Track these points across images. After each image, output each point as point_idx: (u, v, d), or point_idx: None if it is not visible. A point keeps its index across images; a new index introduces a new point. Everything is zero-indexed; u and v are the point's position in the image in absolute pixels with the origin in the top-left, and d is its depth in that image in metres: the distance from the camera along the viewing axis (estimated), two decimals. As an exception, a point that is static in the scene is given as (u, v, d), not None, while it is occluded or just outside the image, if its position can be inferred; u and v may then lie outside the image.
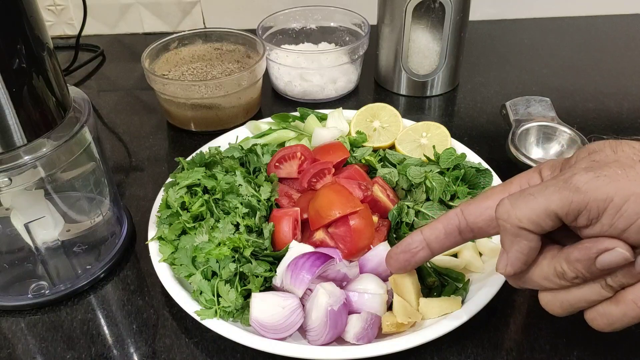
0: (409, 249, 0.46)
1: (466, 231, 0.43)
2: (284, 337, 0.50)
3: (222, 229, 0.55)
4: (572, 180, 0.36)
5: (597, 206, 0.35)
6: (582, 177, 0.36)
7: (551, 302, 0.41)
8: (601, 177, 0.35)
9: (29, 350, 0.53)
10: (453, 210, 0.44)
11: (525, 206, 0.38)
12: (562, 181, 0.37)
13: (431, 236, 0.45)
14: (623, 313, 0.38)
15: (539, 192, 0.37)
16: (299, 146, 0.64)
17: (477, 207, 0.42)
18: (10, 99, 0.46)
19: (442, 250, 0.45)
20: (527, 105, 0.75)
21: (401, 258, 0.47)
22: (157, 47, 0.84)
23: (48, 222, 0.55)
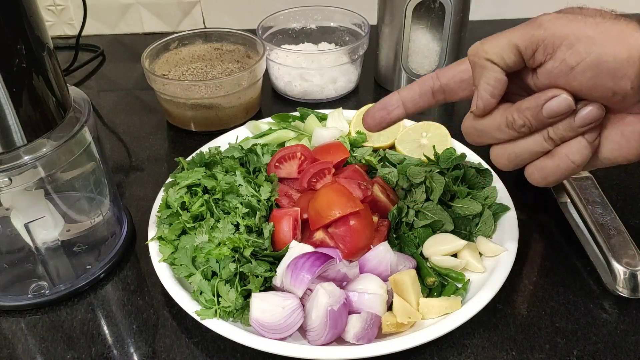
0: (385, 107, 0.49)
1: (439, 92, 0.47)
2: (284, 337, 0.50)
3: (222, 229, 0.55)
4: (536, 19, 0.40)
5: (554, 42, 0.39)
6: (545, 16, 0.40)
7: (500, 155, 0.44)
8: (562, 18, 0.39)
9: (29, 350, 0.53)
10: (428, 75, 0.47)
11: (492, 41, 0.42)
12: (529, 22, 0.41)
13: (407, 96, 0.48)
14: (556, 165, 0.42)
15: (507, 31, 0.41)
16: (299, 146, 0.64)
17: (451, 70, 0.47)
18: (10, 99, 0.46)
19: (415, 110, 0.49)
20: (527, 105, 0.75)
21: (377, 115, 0.50)
22: (157, 47, 0.84)
23: (48, 222, 0.55)
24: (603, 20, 0.39)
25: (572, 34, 0.38)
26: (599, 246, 0.57)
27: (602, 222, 0.58)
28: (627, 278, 0.54)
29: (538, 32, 0.39)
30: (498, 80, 0.42)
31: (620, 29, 0.38)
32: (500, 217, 0.61)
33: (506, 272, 0.54)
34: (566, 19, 0.39)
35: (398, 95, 0.49)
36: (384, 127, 0.50)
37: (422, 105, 0.48)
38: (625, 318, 0.54)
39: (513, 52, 0.41)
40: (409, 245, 0.58)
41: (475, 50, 0.42)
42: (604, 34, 0.38)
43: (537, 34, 0.39)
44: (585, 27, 0.38)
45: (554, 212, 0.66)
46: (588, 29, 0.38)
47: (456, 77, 0.47)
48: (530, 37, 0.40)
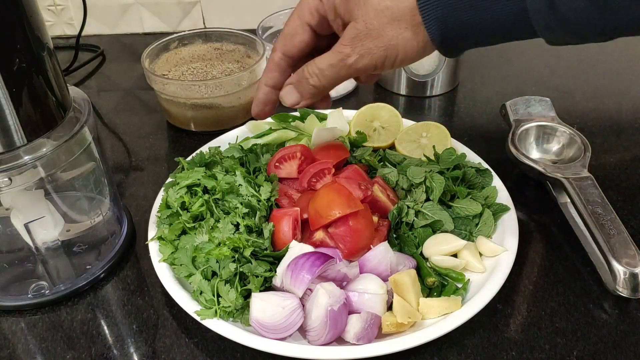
0: (263, 102, 0.55)
1: (293, 63, 0.53)
2: (284, 337, 0.50)
3: (222, 229, 0.54)
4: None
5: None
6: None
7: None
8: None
9: (29, 350, 0.53)
10: (275, 55, 0.53)
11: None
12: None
13: (272, 82, 0.54)
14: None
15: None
16: (299, 146, 0.64)
17: (289, 43, 0.52)
18: (10, 99, 0.46)
19: (280, 85, 0.54)
20: (527, 105, 0.75)
21: (262, 110, 0.56)
22: (157, 47, 0.84)
23: (48, 222, 0.55)
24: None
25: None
26: (599, 246, 0.57)
27: (602, 222, 0.58)
28: (627, 278, 0.54)
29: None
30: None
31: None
32: (500, 217, 0.61)
33: (506, 272, 0.54)
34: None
35: (265, 87, 0.54)
36: (271, 114, 0.57)
37: (285, 78, 0.54)
38: (625, 318, 0.54)
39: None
40: (409, 245, 0.58)
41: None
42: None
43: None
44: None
45: (554, 212, 0.66)
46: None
47: (296, 48, 0.52)
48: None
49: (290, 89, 0.53)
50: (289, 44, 0.52)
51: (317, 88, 0.51)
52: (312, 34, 0.51)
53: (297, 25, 0.51)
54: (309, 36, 0.51)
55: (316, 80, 0.50)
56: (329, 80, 0.50)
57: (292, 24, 0.51)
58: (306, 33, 0.51)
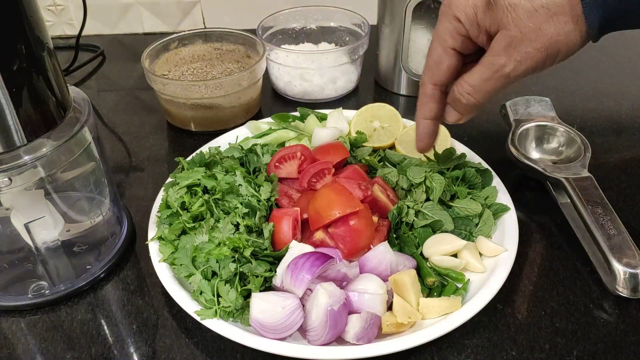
0: (426, 136, 0.55)
1: (443, 89, 0.52)
2: (284, 337, 0.50)
3: (222, 229, 0.54)
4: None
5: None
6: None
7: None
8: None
9: (29, 350, 0.53)
10: (427, 86, 0.52)
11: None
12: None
13: (429, 114, 0.53)
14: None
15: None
16: (299, 146, 0.64)
17: (438, 71, 0.50)
18: (10, 99, 0.46)
19: (439, 113, 0.53)
20: (527, 105, 0.75)
21: (426, 143, 0.56)
22: (157, 47, 0.84)
23: (48, 222, 0.55)
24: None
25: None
26: (599, 246, 0.57)
27: (602, 222, 0.58)
28: (627, 278, 0.54)
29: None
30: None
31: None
32: (500, 217, 0.61)
33: (506, 272, 0.54)
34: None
35: (424, 121, 0.53)
36: (434, 143, 0.57)
37: (442, 106, 0.53)
38: (625, 318, 0.54)
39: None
40: (409, 245, 0.58)
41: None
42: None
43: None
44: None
45: (554, 212, 0.66)
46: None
47: (445, 75, 0.50)
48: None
49: (448, 109, 0.52)
50: (436, 74, 0.50)
51: (473, 105, 0.49)
52: (457, 56, 0.49)
53: (441, 52, 0.49)
54: (455, 60, 0.49)
55: (470, 98, 0.49)
56: (484, 94, 0.48)
57: (435, 52, 0.49)
58: (452, 58, 0.49)
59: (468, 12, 0.46)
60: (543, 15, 0.43)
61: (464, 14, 0.46)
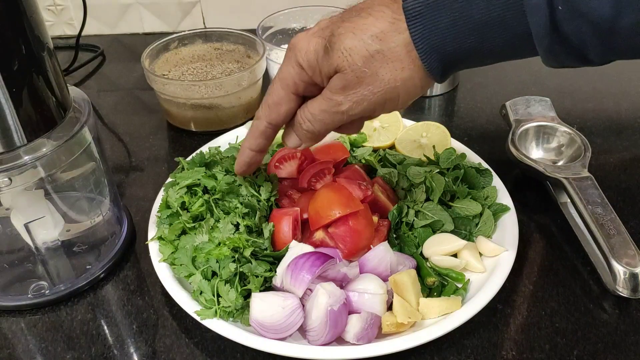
0: (246, 164, 0.55)
1: (276, 128, 0.52)
2: (284, 337, 0.50)
3: (222, 229, 0.54)
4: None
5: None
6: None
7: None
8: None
9: (29, 350, 0.53)
10: (260, 122, 0.51)
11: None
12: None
13: (256, 146, 0.53)
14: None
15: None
16: (299, 146, 0.64)
17: (275, 113, 0.50)
18: (10, 99, 0.46)
19: (265, 149, 0.54)
20: (527, 105, 0.75)
21: (244, 170, 0.56)
22: (157, 47, 0.84)
23: (48, 222, 0.55)
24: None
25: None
26: (599, 246, 0.57)
27: (602, 222, 0.58)
28: (627, 278, 0.54)
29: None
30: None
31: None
32: (500, 217, 0.61)
33: (506, 272, 0.54)
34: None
35: (249, 151, 0.53)
36: (252, 171, 0.57)
37: (270, 142, 0.53)
38: (625, 318, 0.54)
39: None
40: (409, 245, 0.58)
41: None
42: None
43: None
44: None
45: (554, 212, 0.66)
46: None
47: (282, 117, 0.50)
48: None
49: (289, 132, 0.51)
50: (274, 114, 0.49)
51: (312, 133, 0.49)
52: (298, 101, 0.48)
53: (282, 95, 0.48)
54: (295, 104, 0.49)
55: (309, 125, 0.48)
56: (322, 125, 0.47)
57: (276, 93, 0.48)
58: (292, 102, 0.48)
59: (310, 59, 0.45)
60: (379, 61, 0.42)
61: (306, 61, 0.45)
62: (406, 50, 0.42)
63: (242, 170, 0.56)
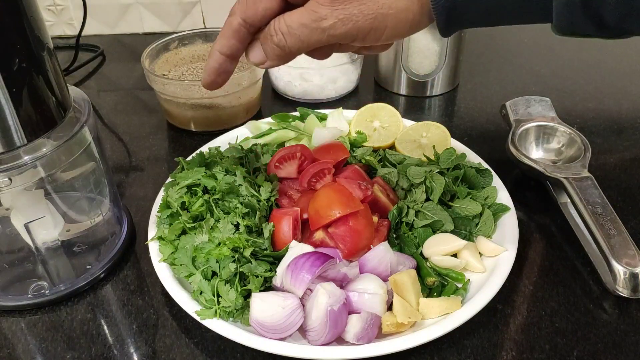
0: (214, 71, 0.47)
1: (250, 28, 0.45)
2: (284, 337, 0.50)
3: (222, 229, 0.54)
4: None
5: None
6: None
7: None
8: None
9: (29, 350, 0.53)
10: (233, 19, 0.45)
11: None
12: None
13: (226, 48, 0.46)
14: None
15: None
16: (299, 146, 0.64)
17: (253, 9, 0.44)
18: (10, 99, 0.46)
19: (238, 54, 0.46)
20: (527, 105, 0.75)
21: (214, 79, 0.47)
22: (157, 47, 0.84)
23: (48, 222, 0.55)
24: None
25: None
26: (599, 246, 0.57)
27: (602, 222, 0.58)
28: (627, 278, 0.54)
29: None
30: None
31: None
32: (500, 217, 0.61)
33: (506, 272, 0.54)
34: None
35: (219, 55, 0.46)
36: (222, 85, 0.49)
37: (243, 47, 0.46)
38: (625, 318, 0.54)
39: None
40: (409, 245, 0.58)
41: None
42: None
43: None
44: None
45: (554, 212, 0.66)
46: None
47: (259, 16, 0.44)
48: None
49: (256, 45, 0.45)
50: (251, 10, 0.43)
51: (282, 49, 0.43)
52: (280, 2, 0.43)
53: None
54: (275, 4, 0.43)
55: (281, 38, 0.42)
56: (297, 41, 0.42)
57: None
58: (273, 1, 0.43)
59: None
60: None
61: None
62: None
63: (210, 79, 0.47)
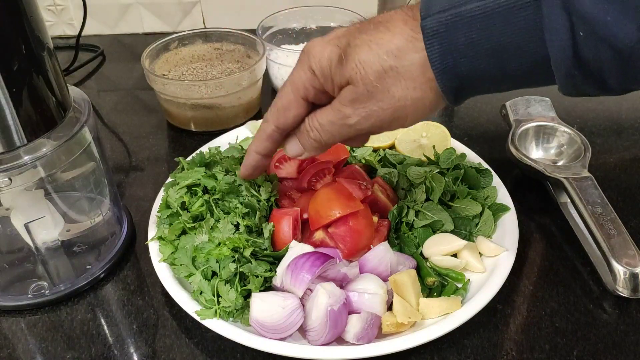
0: (253, 167, 0.54)
1: (283, 133, 0.50)
2: (284, 337, 0.50)
3: (222, 229, 0.54)
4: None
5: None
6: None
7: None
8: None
9: (29, 350, 0.53)
10: (268, 126, 0.50)
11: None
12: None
13: (262, 150, 0.52)
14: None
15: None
16: (299, 146, 0.64)
17: (285, 118, 0.49)
18: (10, 99, 0.46)
19: (272, 153, 0.53)
20: (527, 105, 0.75)
21: (250, 173, 0.55)
22: (157, 47, 0.84)
23: (48, 222, 0.55)
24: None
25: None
26: (599, 246, 0.57)
27: (602, 222, 0.58)
28: (627, 278, 0.54)
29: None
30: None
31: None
32: (500, 217, 0.61)
33: (506, 272, 0.54)
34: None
35: (255, 155, 0.52)
36: (259, 175, 0.57)
37: (276, 147, 0.52)
38: (625, 318, 0.54)
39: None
40: (409, 245, 0.58)
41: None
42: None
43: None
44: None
45: (554, 212, 0.66)
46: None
47: (289, 122, 0.49)
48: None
49: (293, 140, 0.50)
50: (282, 118, 0.48)
51: (318, 142, 0.48)
52: (307, 106, 0.48)
53: (292, 99, 0.47)
54: (304, 110, 0.48)
55: (317, 135, 0.47)
56: (330, 136, 0.47)
57: (286, 97, 0.48)
58: (301, 107, 0.47)
59: (323, 66, 0.44)
60: (392, 78, 0.41)
61: (319, 67, 0.44)
62: (421, 69, 0.41)
63: (248, 173, 0.55)
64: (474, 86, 0.42)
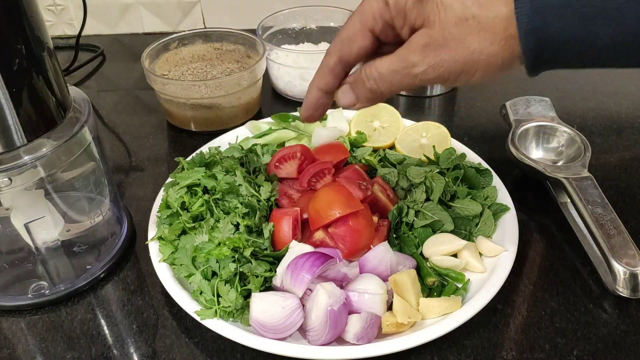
0: (313, 105, 0.50)
1: (345, 65, 0.47)
2: (284, 337, 0.50)
3: (222, 229, 0.54)
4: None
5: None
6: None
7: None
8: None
9: (29, 350, 0.53)
10: (330, 58, 0.47)
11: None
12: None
13: (323, 85, 0.48)
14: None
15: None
16: (298, 146, 0.64)
17: (348, 48, 0.46)
18: (10, 99, 0.46)
19: (333, 89, 0.49)
20: (527, 105, 0.75)
21: (312, 113, 0.50)
22: (157, 47, 0.84)
23: (48, 222, 0.55)
24: None
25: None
26: (599, 246, 0.57)
27: (602, 222, 0.58)
28: (627, 278, 0.54)
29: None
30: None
31: None
32: (500, 217, 0.61)
33: (506, 272, 0.54)
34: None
35: (317, 91, 0.49)
36: (320, 118, 0.52)
37: (338, 83, 0.48)
38: (625, 318, 0.54)
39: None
40: (409, 245, 0.58)
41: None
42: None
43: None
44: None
45: (554, 212, 0.66)
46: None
47: (354, 54, 0.46)
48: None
49: (346, 88, 0.47)
50: (346, 50, 0.45)
51: (374, 93, 0.45)
52: (373, 40, 0.44)
53: (358, 30, 0.44)
54: (369, 43, 0.44)
55: (373, 84, 0.45)
56: (388, 86, 0.44)
57: (352, 27, 0.45)
58: (367, 39, 0.44)
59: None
60: (472, 27, 0.39)
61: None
62: (505, 24, 0.38)
63: (309, 113, 0.50)
64: (557, 55, 0.39)
